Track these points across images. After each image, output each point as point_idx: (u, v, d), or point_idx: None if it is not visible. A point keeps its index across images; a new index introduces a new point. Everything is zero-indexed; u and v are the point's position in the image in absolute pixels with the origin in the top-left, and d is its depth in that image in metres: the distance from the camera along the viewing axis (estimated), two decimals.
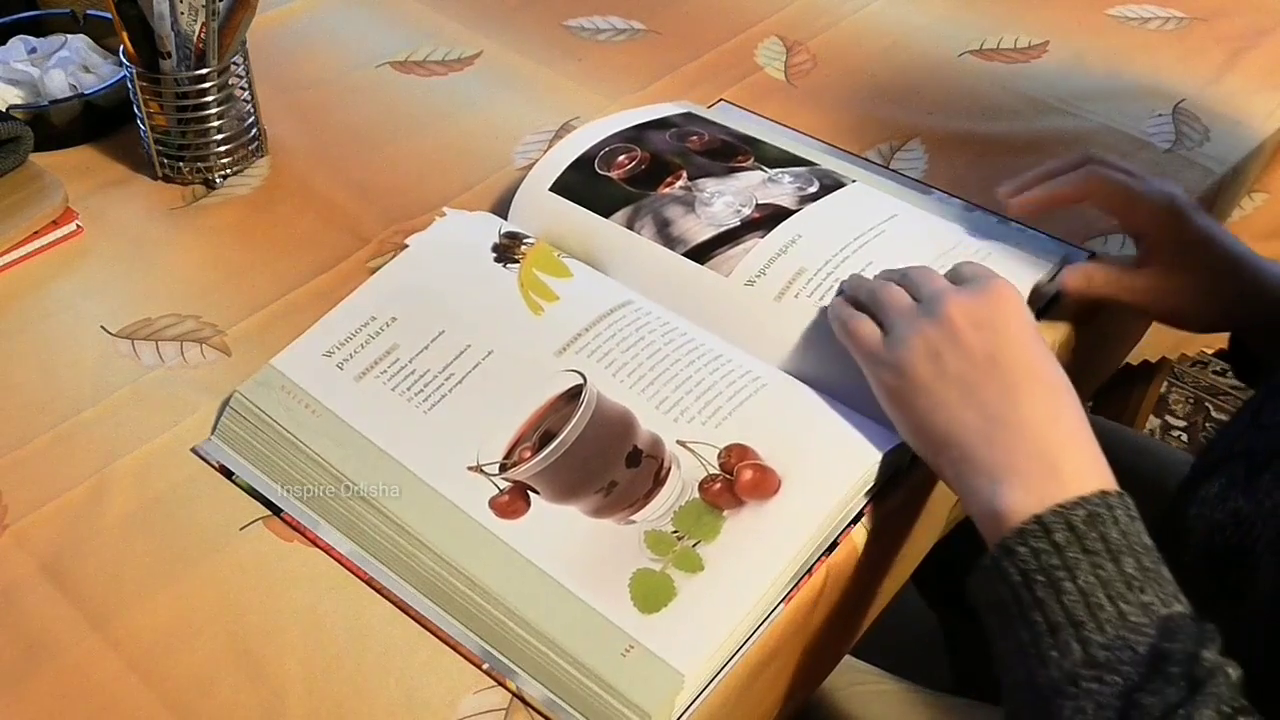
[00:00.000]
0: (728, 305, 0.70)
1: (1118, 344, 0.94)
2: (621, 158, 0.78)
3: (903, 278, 0.65)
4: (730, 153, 0.81)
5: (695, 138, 0.82)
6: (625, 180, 0.77)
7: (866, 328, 0.63)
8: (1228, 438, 0.65)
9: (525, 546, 0.59)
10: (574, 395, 0.65)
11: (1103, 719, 0.48)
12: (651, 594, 0.57)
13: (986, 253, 0.75)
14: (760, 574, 0.59)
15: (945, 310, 0.60)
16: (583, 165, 0.78)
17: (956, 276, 0.64)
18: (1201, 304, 0.72)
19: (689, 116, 0.85)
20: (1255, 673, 0.51)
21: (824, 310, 0.69)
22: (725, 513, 0.60)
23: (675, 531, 0.60)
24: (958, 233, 0.77)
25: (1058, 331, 0.74)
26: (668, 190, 0.76)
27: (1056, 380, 0.59)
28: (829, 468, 0.62)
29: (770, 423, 0.64)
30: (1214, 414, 1.74)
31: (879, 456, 0.62)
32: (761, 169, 0.79)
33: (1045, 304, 0.75)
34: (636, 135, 0.82)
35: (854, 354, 0.63)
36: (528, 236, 0.75)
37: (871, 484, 0.63)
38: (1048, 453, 0.55)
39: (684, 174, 0.78)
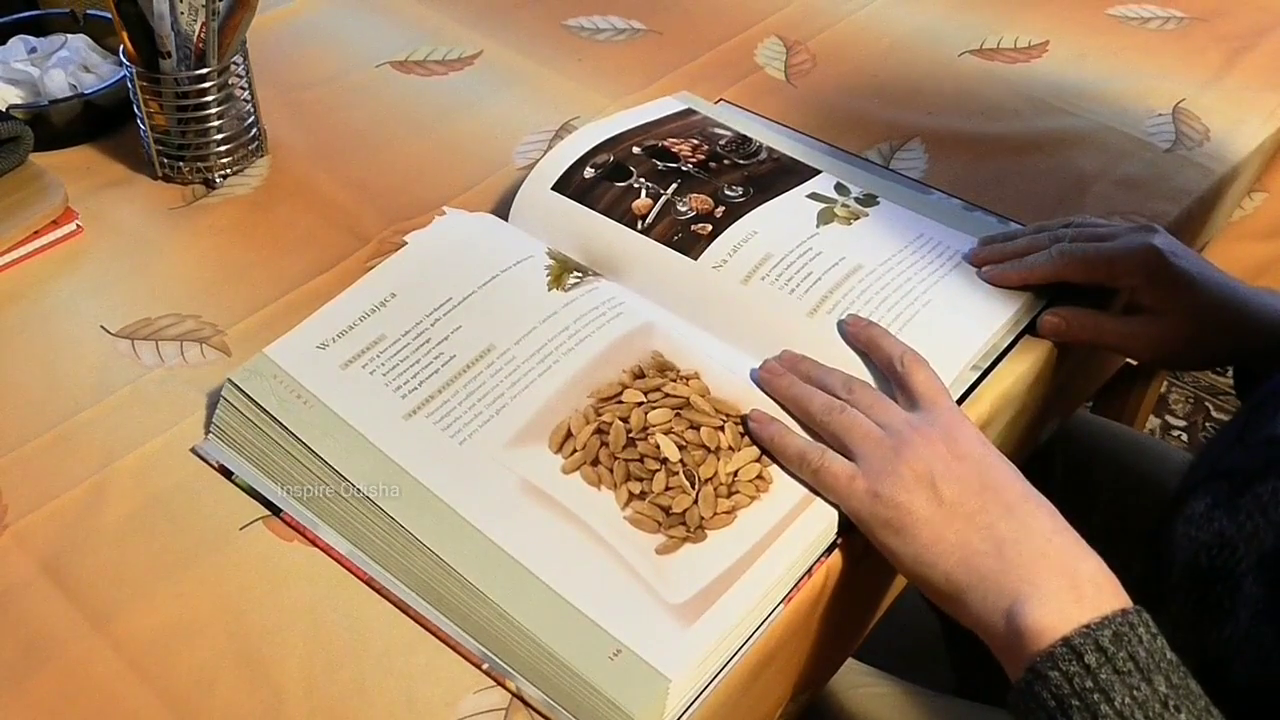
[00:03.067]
0: (703, 290, 0.72)
1: None
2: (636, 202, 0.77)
3: (850, 395, 0.64)
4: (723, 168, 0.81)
5: (691, 145, 0.82)
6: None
7: (838, 465, 0.61)
8: (1213, 453, 0.65)
9: (512, 545, 0.59)
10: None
11: None
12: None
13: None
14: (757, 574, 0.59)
15: (926, 441, 0.60)
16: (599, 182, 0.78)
17: (901, 387, 0.64)
18: (1189, 346, 0.72)
19: (688, 117, 0.85)
20: (1238, 694, 0.51)
21: (790, 294, 0.70)
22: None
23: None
24: (954, 236, 0.77)
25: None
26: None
27: (1040, 497, 0.59)
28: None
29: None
30: (1214, 414, 1.74)
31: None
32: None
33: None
34: (633, 150, 0.81)
35: (830, 493, 0.61)
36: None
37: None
38: (1064, 569, 0.55)
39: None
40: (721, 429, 0.63)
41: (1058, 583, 0.55)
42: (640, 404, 0.64)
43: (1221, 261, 0.87)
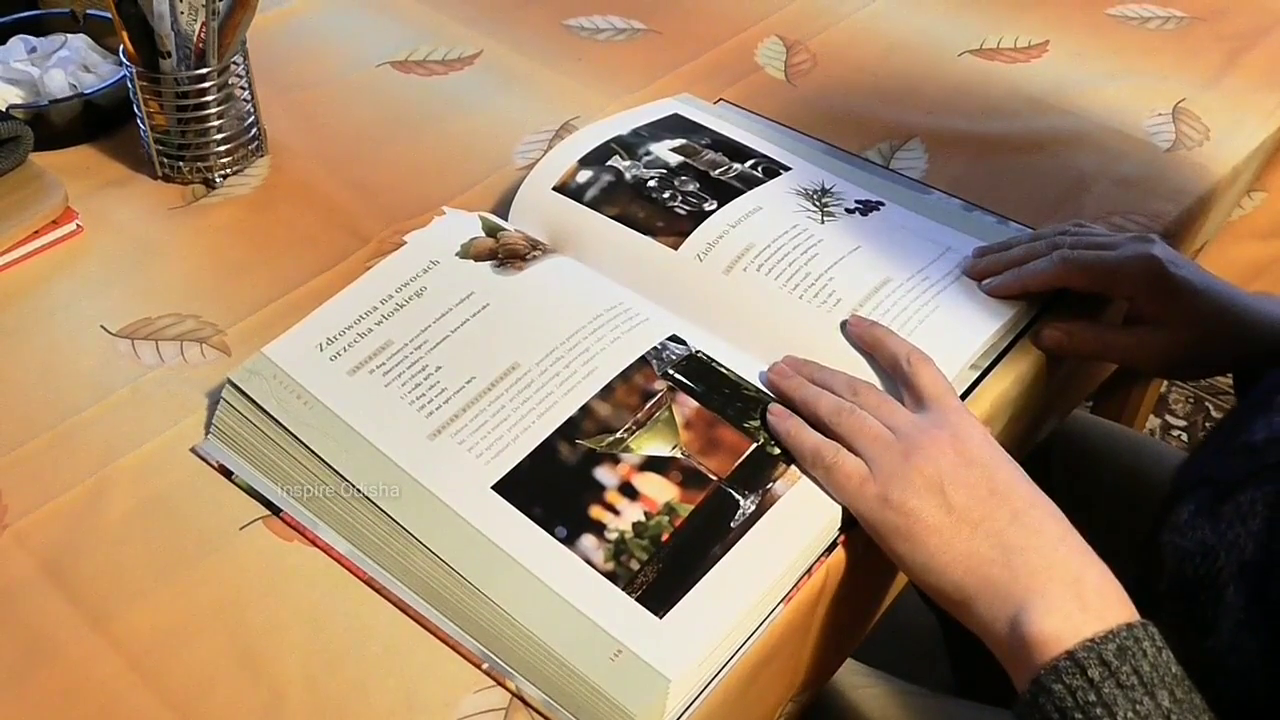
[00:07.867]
0: (705, 290, 0.72)
1: None
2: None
3: (855, 397, 0.64)
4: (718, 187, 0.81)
5: (694, 157, 0.82)
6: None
7: (850, 465, 0.60)
8: (1200, 458, 0.64)
9: (513, 547, 0.59)
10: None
11: None
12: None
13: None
14: (756, 577, 0.59)
15: (934, 445, 0.60)
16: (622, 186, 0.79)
17: (907, 387, 0.64)
18: (1192, 355, 0.72)
19: (689, 126, 0.85)
20: (1224, 705, 0.51)
21: (772, 283, 0.71)
22: None
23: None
24: (954, 236, 0.77)
25: None
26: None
27: (1047, 501, 0.59)
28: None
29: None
30: (1214, 413, 1.74)
31: None
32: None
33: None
34: (635, 150, 0.82)
35: (840, 493, 0.61)
36: (504, 227, 0.75)
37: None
38: (1069, 577, 0.55)
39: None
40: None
41: (1064, 591, 0.54)
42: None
43: (1220, 261, 0.87)
